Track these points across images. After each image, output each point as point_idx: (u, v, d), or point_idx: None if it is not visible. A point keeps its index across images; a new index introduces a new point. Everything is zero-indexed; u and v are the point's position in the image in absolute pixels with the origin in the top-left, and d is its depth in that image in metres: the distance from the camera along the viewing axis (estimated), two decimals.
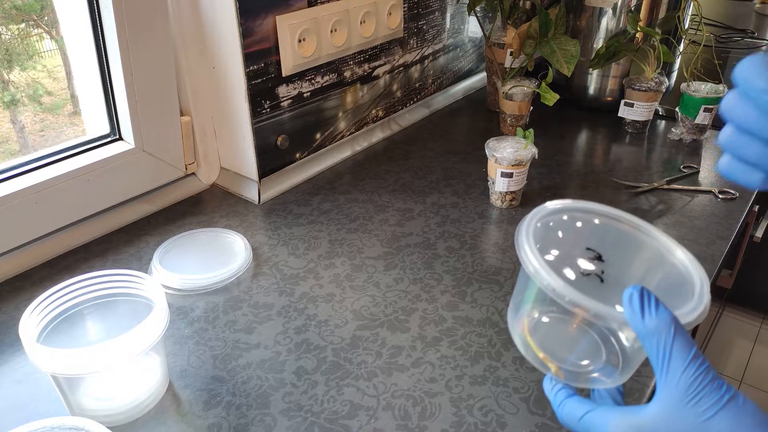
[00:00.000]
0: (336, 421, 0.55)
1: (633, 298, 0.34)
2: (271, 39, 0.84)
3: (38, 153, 0.78)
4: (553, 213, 0.42)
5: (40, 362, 0.50)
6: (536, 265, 0.37)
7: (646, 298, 0.34)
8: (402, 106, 1.15)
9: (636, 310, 0.34)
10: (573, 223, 0.43)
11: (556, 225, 0.42)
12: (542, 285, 0.37)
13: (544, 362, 0.42)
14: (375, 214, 0.86)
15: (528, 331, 0.43)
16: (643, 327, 0.34)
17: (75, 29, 0.79)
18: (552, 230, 0.42)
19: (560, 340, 0.43)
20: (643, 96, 1.06)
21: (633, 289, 0.34)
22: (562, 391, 0.41)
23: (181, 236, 0.79)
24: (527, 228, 0.40)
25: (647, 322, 0.33)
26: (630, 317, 0.34)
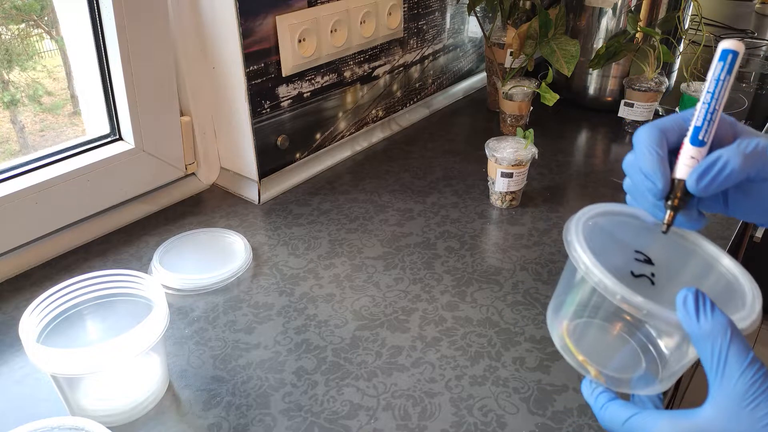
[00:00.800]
0: (336, 421, 0.55)
1: (687, 300, 0.34)
2: (271, 39, 0.84)
3: (38, 153, 0.78)
4: (601, 215, 0.42)
5: (40, 362, 0.50)
6: (588, 262, 0.37)
7: (701, 301, 0.33)
8: (402, 106, 1.15)
9: (691, 312, 0.33)
10: (621, 226, 0.42)
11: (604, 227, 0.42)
12: (593, 282, 0.36)
13: (583, 365, 0.41)
14: (375, 214, 0.86)
15: (567, 333, 0.43)
16: (698, 329, 0.33)
17: (75, 29, 0.79)
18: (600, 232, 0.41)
19: (600, 346, 0.43)
20: (643, 96, 1.06)
21: (687, 290, 0.34)
22: (603, 394, 0.40)
23: (181, 236, 0.79)
24: (577, 226, 0.40)
25: (702, 324, 0.33)
26: (684, 319, 0.34)
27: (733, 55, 0.38)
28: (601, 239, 0.40)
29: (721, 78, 0.38)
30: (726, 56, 0.38)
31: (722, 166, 0.35)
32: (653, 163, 0.37)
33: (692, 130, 0.38)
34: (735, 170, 0.35)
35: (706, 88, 0.38)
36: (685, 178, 0.37)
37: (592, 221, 0.41)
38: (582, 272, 0.37)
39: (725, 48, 0.38)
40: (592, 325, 0.42)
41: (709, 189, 0.36)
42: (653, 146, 0.38)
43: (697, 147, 0.37)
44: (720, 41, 0.39)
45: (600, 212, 0.42)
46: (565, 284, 0.42)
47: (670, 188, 0.37)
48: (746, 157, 0.35)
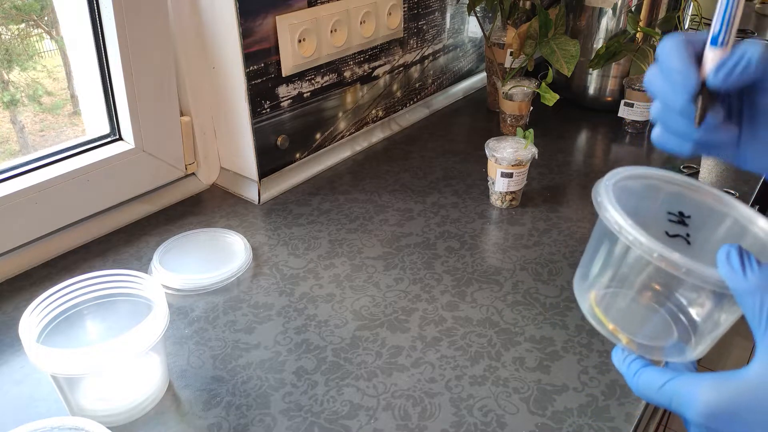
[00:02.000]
0: (336, 421, 0.55)
1: (731, 255, 0.32)
2: (271, 39, 0.84)
3: (38, 153, 0.78)
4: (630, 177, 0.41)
5: (40, 362, 0.50)
6: (622, 222, 0.35)
7: (746, 256, 0.32)
8: (402, 106, 1.15)
9: (736, 266, 0.32)
10: (651, 189, 0.41)
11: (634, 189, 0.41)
12: (628, 241, 0.35)
13: (614, 333, 0.40)
14: (375, 214, 0.86)
15: (596, 301, 0.42)
16: (744, 284, 0.32)
17: (75, 29, 0.79)
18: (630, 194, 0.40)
19: (630, 315, 0.41)
20: (643, 96, 1.06)
21: (729, 246, 0.33)
22: (636, 361, 0.39)
23: (181, 236, 0.79)
24: (607, 187, 0.38)
25: (750, 278, 0.32)
26: (728, 275, 0.32)
27: None
28: (632, 200, 0.39)
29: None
30: None
31: (741, 56, 0.35)
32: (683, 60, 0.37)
33: (712, 33, 0.38)
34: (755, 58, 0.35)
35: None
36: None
37: (621, 183, 0.40)
38: (616, 232, 0.35)
39: None
40: (620, 294, 0.41)
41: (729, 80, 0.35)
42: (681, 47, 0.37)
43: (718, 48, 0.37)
44: None
45: (629, 175, 0.40)
46: (593, 251, 0.41)
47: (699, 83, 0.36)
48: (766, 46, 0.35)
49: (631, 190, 0.40)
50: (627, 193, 0.39)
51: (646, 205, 0.41)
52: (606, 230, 0.37)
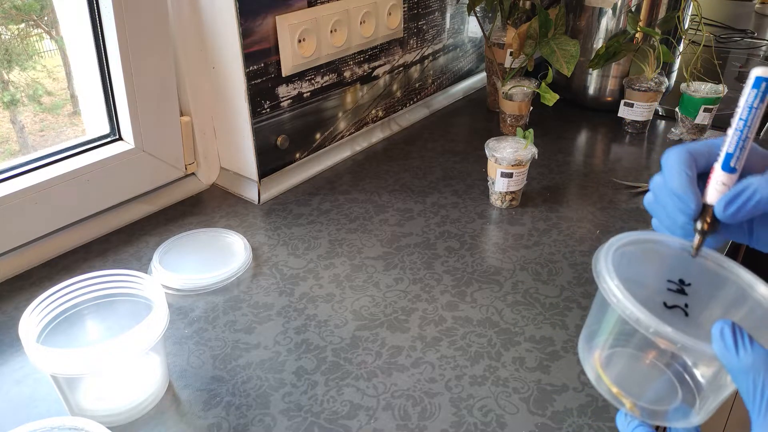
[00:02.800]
0: (336, 421, 0.55)
1: (724, 332, 0.33)
2: (270, 39, 0.84)
3: (38, 153, 0.78)
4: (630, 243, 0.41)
5: (40, 362, 0.50)
6: (619, 295, 0.36)
7: (739, 333, 0.32)
8: (402, 106, 1.15)
9: (729, 344, 0.32)
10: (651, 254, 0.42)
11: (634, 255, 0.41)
12: (625, 315, 0.36)
13: (617, 397, 0.40)
14: (375, 214, 0.86)
15: (600, 363, 0.42)
16: (737, 363, 0.32)
17: (75, 29, 0.79)
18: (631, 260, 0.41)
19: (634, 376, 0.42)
20: (643, 96, 1.06)
21: (723, 323, 0.33)
22: (639, 428, 0.39)
23: (181, 236, 0.79)
24: (606, 256, 0.39)
25: (743, 358, 0.32)
26: (721, 352, 0.33)
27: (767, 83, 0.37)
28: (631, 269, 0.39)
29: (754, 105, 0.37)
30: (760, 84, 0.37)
31: (752, 193, 0.35)
32: (684, 183, 0.37)
33: (724, 155, 0.37)
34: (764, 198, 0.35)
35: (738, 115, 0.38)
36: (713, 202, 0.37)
37: (621, 250, 0.40)
38: (613, 305, 0.36)
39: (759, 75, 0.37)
40: (625, 354, 0.41)
41: (737, 216, 0.36)
42: (684, 167, 0.38)
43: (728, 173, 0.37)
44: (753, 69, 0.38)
45: (629, 241, 0.41)
46: (597, 313, 0.41)
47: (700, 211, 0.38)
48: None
49: (631, 256, 0.40)
50: (627, 259, 0.40)
51: (646, 271, 0.41)
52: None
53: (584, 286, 0.71)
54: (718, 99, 1.02)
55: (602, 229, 0.82)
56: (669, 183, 0.38)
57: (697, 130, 1.05)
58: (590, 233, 0.81)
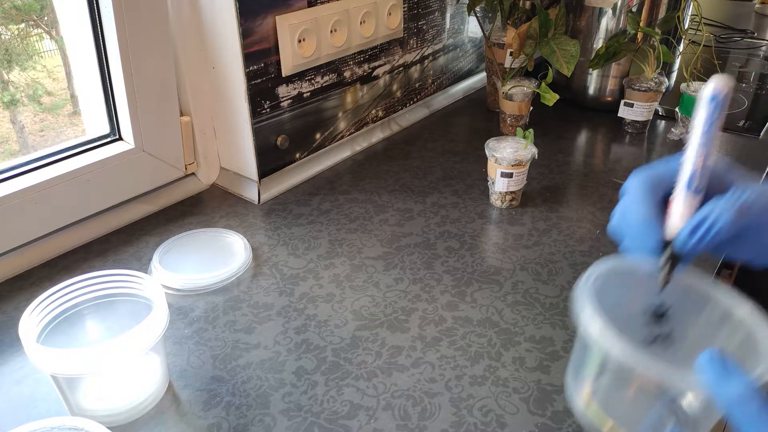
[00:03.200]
0: (336, 421, 0.55)
1: (714, 362, 0.32)
2: (271, 39, 0.84)
3: (38, 153, 0.78)
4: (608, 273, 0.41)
5: (40, 362, 0.50)
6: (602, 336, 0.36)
7: (723, 365, 0.31)
8: (402, 106, 1.15)
9: (719, 375, 0.31)
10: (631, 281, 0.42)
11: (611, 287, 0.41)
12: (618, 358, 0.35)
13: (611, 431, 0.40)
14: (375, 214, 0.86)
15: (589, 398, 0.42)
16: (727, 394, 0.31)
17: (75, 29, 0.79)
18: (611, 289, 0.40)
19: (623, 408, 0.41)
20: (643, 96, 1.06)
21: (710, 353, 0.32)
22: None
23: (181, 236, 0.79)
24: (586, 290, 0.39)
25: (732, 388, 0.31)
26: (710, 384, 0.32)
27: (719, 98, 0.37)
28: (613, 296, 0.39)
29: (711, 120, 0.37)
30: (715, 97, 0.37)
31: (713, 222, 0.35)
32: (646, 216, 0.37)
33: (685, 178, 0.37)
34: (725, 225, 0.35)
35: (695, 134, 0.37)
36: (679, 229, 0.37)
37: (600, 281, 0.40)
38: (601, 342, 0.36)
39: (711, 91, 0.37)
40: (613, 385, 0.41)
41: (699, 247, 0.36)
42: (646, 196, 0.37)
43: (691, 195, 0.37)
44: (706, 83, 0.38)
45: (606, 270, 0.41)
46: (582, 348, 0.41)
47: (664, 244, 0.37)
48: (739, 211, 0.35)
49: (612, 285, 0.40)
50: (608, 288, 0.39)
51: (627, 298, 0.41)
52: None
53: None
54: None
55: (602, 229, 0.82)
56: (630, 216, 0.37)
57: None
58: (590, 233, 0.81)
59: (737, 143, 1.06)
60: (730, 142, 1.06)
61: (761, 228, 0.36)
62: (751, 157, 1.00)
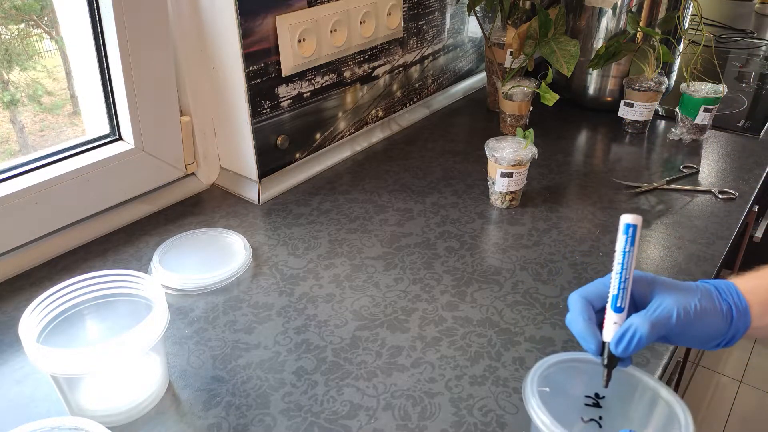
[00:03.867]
0: (336, 421, 0.55)
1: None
2: (270, 39, 0.84)
3: (38, 153, 0.78)
4: (554, 365, 0.48)
5: (40, 362, 0.50)
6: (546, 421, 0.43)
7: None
8: (402, 106, 1.15)
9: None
10: (571, 372, 0.49)
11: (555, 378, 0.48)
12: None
13: None
14: (375, 214, 0.86)
15: None
16: None
17: (75, 29, 0.79)
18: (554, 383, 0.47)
19: None
20: (643, 96, 1.06)
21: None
22: None
23: (181, 236, 0.79)
24: (532, 382, 0.46)
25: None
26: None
27: (633, 228, 0.45)
28: (554, 390, 0.47)
29: (626, 250, 0.45)
30: (628, 229, 0.45)
31: (632, 334, 0.44)
32: (583, 329, 0.46)
33: (611, 299, 0.46)
34: (644, 337, 0.44)
35: (615, 261, 0.45)
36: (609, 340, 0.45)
37: (546, 372, 0.47)
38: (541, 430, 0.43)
39: (627, 222, 0.45)
40: None
41: (627, 353, 0.44)
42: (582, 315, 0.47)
43: (617, 313, 0.46)
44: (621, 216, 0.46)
45: (552, 363, 0.48)
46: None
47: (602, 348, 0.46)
48: (653, 325, 0.44)
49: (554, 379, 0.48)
50: (550, 382, 0.47)
51: (567, 391, 0.49)
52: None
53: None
54: (718, 99, 1.02)
55: (602, 229, 0.82)
56: (572, 328, 0.47)
57: (697, 130, 1.05)
58: (590, 233, 0.81)
59: (737, 143, 1.06)
60: (730, 142, 1.06)
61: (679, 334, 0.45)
62: (752, 157, 1.00)
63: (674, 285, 0.47)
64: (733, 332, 0.46)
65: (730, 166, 0.98)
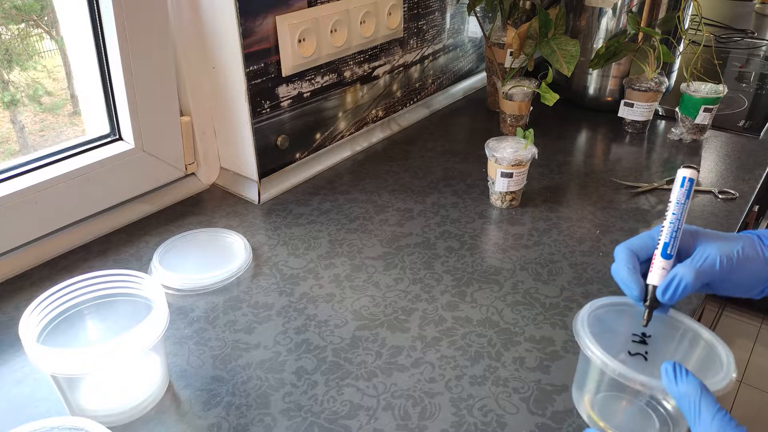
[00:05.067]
0: (336, 421, 0.55)
1: (668, 370, 0.43)
2: (271, 39, 0.84)
3: (38, 153, 0.78)
4: (601, 307, 0.52)
5: (40, 362, 0.50)
6: (594, 350, 0.47)
7: (678, 369, 0.43)
8: (402, 106, 1.15)
9: (671, 379, 0.43)
10: (619, 314, 0.52)
11: (604, 317, 0.52)
12: (599, 365, 0.46)
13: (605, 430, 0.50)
14: (375, 214, 0.86)
15: (590, 405, 0.52)
16: (677, 390, 0.42)
17: (75, 29, 0.79)
18: (602, 322, 0.51)
19: (618, 413, 0.52)
20: (643, 96, 1.06)
21: (667, 363, 0.43)
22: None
23: (181, 236, 0.79)
24: (583, 320, 0.49)
25: (680, 387, 0.42)
26: (667, 385, 0.43)
27: (690, 181, 0.48)
28: (603, 328, 0.50)
29: (682, 201, 0.48)
30: (685, 182, 0.48)
31: (678, 282, 0.46)
32: (627, 276, 0.49)
33: (662, 245, 0.48)
34: (689, 285, 0.46)
35: (671, 210, 0.48)
36: (656, 283, 0.48)
37: (594, 314, 0.51)
38: (590, 357, 0.47)
39: (684, 175, 0.48)
40: (609, 395, 0.52)
41: (672, 300, 0.47)
42: (627, 263, 0.49)
43: (666, 260, 0.48)
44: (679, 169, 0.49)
45: (600, 305, 0.52)
46: (583, 365, 0.52)
47: (646, 293, 0.48)
48: (697, 273, 0.46)
49: (602, 319, 0.51)
50: (599, 320, 0.51)
51: (615, 329, 0.52)
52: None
53: (585, 286, 0.71)
54: (718, 99, 1.02)
55: (602, 229, 0.82)
56: (616, 276, 0.50)
57: (697, 130, 1.05)
58: (590, 233, 0.81)
59: (737, 143, 1.06)
60: (730, 142, 1.06)
61: (723, 281, 0.48)
62: (752, 157, 1.00)
63: (717, 235, 0.49)
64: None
65: (730, 166, 0.98)
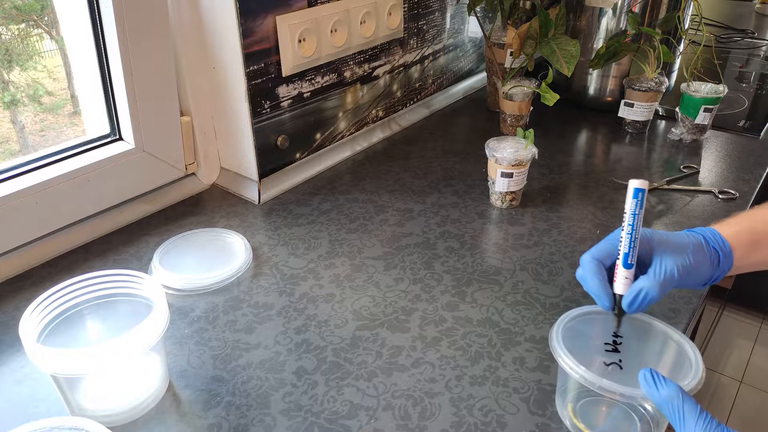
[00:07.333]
0: (336, 421, 0.55)
1: (647, 378, 0.45)
2: (271, 39, 0.84)
3: (38, 153, 0.78)
4: (574, 318, 0.54)
5: (40, 362, 0.50)
6: (571, 365, 0.48)
7: (656, 376, 0.45)
8: (402, 106, 1.15)
9: (651, 386, 0.44)
10: (591, 323, 0.54)
11: (577, 328, 0.54)
12: (577, 378, 0.48)
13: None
14: (375, 214, 0.86)
15: (572, 412, 0.54)
16: (659, 397, 0.44)
17: (75, 29, 0.79)
18: (575, 333, 0.53)
19: (599, 418, 0.54)
20: (643, 96, 1.06)
21: (644, 371, 0.45)
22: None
23: (181, 236, 0.79)
24: (557, 334, 0.51)
25: (661, 392, 0.44)
26: (647, 392, 0.45)
27: (642, 192, 0.50)
28: (577, 339, 0.52)
29: (636, 212, 0.50)
30: (638, 194, 0.50)
31: (644, 296, 0.50)
32: (597, 288, 0.51)
33: (622, 256, 0.51)
34: (654, 297, 0.50)
35: (626, 222, 0.50)
36: (622, 293, 0.51)
37: (568, 325, 0.53)
38: (568, 373, 0.48)
39: (636, 187, 0.50)
40: (590, 400, 0.54)
41: (639, 310, 0.51)
42: (595, 274, 0.52)
43: (627, 269, 0.51)
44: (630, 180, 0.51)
45: (573, 316, 0.54)
46: (563, 375, 0.53)
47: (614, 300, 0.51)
48: (661, 286, 0.50)
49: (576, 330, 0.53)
50: (573, 332, 0.53)
51: (589, 339, 0.54)
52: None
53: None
54: (719, 99, 1.02)
55: (602, 229, 0.82)
56: (586, 286, 0.52)
57: (697, 130, 1.05)
58: (590, 233, 0.81)
59: (737, 143, 1.06)
60: (730, 142, 1.06)
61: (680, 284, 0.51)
62: (752, 157, 1.00)
63: (669, 242, 0.52)
64: (718, 274, 0.53)
65: (731, 166, 0.98)
